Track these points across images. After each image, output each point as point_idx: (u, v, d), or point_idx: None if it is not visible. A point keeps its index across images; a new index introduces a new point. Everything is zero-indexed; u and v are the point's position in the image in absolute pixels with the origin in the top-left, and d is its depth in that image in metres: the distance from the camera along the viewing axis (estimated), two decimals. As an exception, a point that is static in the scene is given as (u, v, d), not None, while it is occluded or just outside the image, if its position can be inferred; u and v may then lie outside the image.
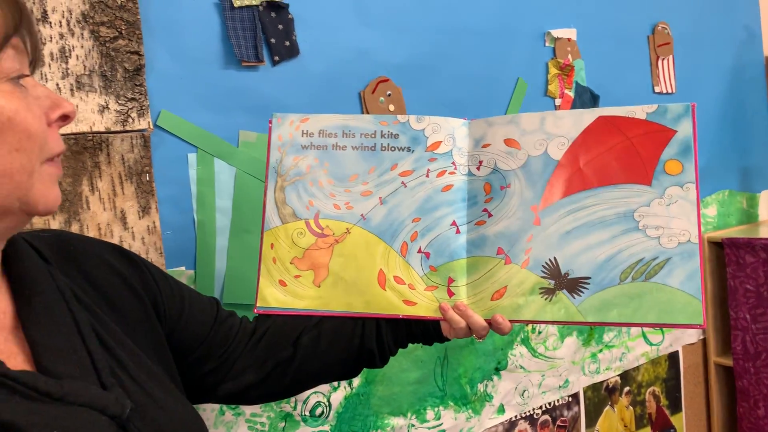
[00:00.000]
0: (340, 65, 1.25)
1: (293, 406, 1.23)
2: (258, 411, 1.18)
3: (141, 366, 0.66)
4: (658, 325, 0.82)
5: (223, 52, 1.12)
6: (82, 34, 0.98)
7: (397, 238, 0.90)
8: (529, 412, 1.59)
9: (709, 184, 2.00)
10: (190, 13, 1.08)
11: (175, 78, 1.07)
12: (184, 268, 1.09)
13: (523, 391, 1.57)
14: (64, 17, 0.96)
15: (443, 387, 1.44)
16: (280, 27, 1.16)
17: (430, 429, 1.41)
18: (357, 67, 1.27)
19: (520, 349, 1.56)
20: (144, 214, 1.03)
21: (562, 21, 1.60)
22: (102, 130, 1.00)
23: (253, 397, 0.88)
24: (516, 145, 0.89)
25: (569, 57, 1.60)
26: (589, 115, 0.86)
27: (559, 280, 0.85)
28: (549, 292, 0.85)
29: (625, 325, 0.84)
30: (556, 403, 1.64)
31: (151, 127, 1.04)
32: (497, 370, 1.52)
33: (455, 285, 0.89)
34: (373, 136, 0.92)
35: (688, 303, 0.80)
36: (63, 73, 0.96)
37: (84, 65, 0.98)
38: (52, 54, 0.96)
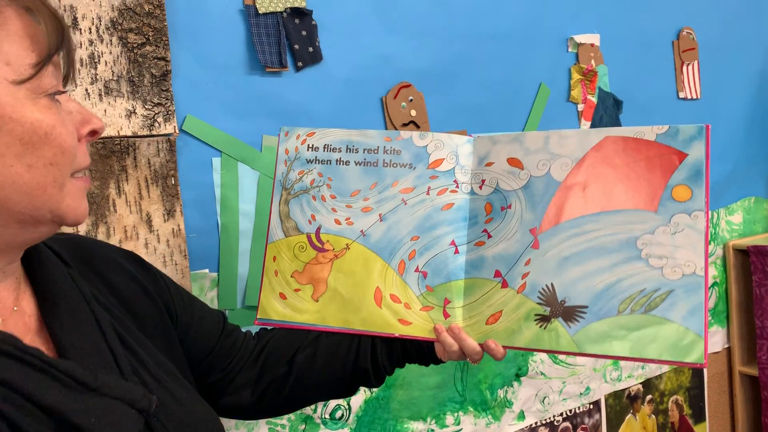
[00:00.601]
0: (362, 71, 1.26)
1: (314, 409, 1.23)
2: (279, 413, 1.19)
3: (161, 365, 0.68)
4: (656, 362, 0.76)
5: (247, 58, 1.13)
6: (111, 41, 1.00)
7: (395, 255, 0.89)
8: (549, 419, 1.58)
9: (735, 191, 1.98)
10: (216, 19, 1.10)
11: (201, 83, 1.09)
12: (207, 271, 1.11)
13: (544, 397, 1.56)
14: (93, 24, 0.99)
15: (463, 392, 1.43)
16: (304, 33, 1.18)
17: (449, 434, 1.42)
18: (379, 72, 1.28)
19: (540, 356, 1.55)
20: (169, 217, 1.05)
21: (585, 26, 1.60)
22: (129, 134, 1.02)
23: (250, 413, 0.89)
24: (519, 165, 0.86)
25: (592, 62, 1.59)
26: (595, 135, 0.83)
27: (555, 308, 0.81)
28: (544, 320, 0.81)
29: (620, 359, 0.78)
30: (577, 411, 1.63)
31: (177, 131, 1.06)
32: (518, 376, 1.52)
33: (451, 306, 0.87)
34: (376, 151, 0.91)
35: (689, 340, 0.74)
36: (92, 78, 0.99)
37: (112, 71, 1.00)
38: (81, 60, 0.98)
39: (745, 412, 1.98)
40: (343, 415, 1.27)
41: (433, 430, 1.39)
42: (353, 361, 0.87)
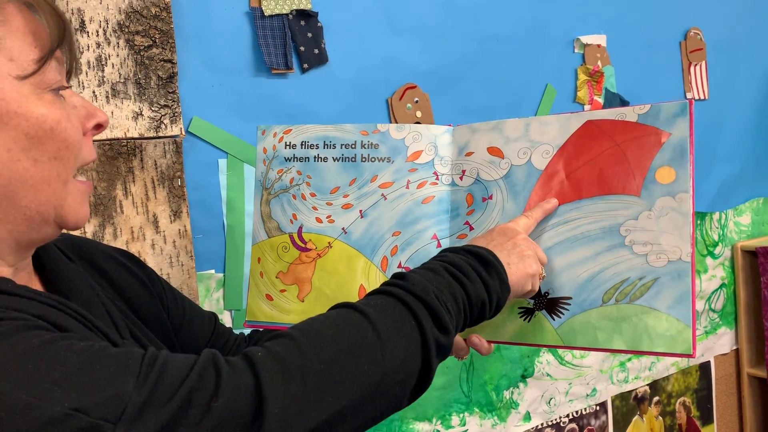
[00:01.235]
0: (368, 72, 1.26)
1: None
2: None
3: None
4: (642, 353, 0.73)
5: (253, 60, 1.14)
6: (118, 43, 1.01)
7: (377, 252, 0.87)
8: (555, 420, 1.58)
9: (743, 192, 1.97)
10: (222, 21, 1.11)
11: (207, 85, 1.10)
12: (213, 271, 1.12)
13: (550, 398, 1.56)
14: (101, 27, 1.00)
15: (469, 393, 1.43)
16: (310, 35, 1.18)
17: (455, 435, 1.42)
18: (385, 74, 1.28)
19: (547, 357, 1.55)
20: (175, 218, 1.06)
21: (592, 27, 1.59)
22: (136, 136, 1.02)
23: None
24: (499, 154, 0.84)
25: (599, 63, 1.59)
26: (576, 120, 0.79)
27: (539, 300, 0.78)
28: (527, 313, 0.79)
29: (605, 351, 0.75)
30: (584, 412, 1.63)
31: (183, 133, 1.07)
32: (524, 378, 1.52)
33: None
34: (353, 146, 0.89)
35: (675, 329, 0.71)
36: (99, 80, 0.99)
37: (119, 73, 1.01)
38: (89, 62, 0.99)
39: (753, 414, 1.97)
40: (348, 415, 1.27)
41: (438, 431, 1.39)
42: None
